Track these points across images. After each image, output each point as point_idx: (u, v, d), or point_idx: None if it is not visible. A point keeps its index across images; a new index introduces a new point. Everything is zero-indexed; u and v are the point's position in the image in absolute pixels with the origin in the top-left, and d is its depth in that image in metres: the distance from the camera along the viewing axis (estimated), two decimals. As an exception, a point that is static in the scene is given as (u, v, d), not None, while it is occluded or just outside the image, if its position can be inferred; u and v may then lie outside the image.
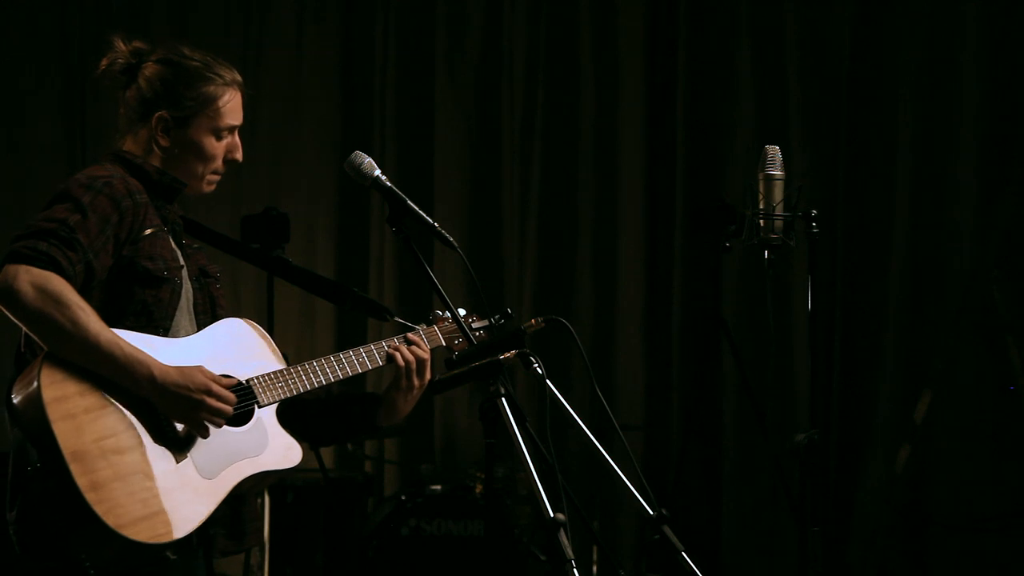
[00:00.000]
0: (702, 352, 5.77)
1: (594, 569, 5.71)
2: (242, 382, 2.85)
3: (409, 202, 2.89)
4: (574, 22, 6.62)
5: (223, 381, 2.76)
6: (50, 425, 2.56)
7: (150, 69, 2.92)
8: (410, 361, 3.06)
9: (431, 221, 2.89)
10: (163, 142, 2.90)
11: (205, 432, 2.74)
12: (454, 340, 3.18)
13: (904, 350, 6.13)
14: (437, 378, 2.82)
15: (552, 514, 2.57)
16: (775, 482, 5.59)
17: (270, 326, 5.23)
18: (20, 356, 2.74)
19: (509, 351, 2.73)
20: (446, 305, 2.88)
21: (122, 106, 2.95)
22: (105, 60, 2.95)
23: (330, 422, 3.12)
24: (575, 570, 2.55)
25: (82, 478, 2.55)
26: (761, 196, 4.38)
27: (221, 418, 2.74)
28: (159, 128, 2.90)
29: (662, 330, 6.50)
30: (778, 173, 4.39)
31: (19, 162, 6.55)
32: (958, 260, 6.09)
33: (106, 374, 2.64)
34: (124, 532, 2.56)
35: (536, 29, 6.65)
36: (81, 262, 2.67)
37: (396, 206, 2.89)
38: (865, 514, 6.11)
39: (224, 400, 2.73)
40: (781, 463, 5.10)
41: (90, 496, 2.54)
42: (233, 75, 2.97)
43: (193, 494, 2.69)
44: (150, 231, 2.80)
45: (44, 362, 2.60)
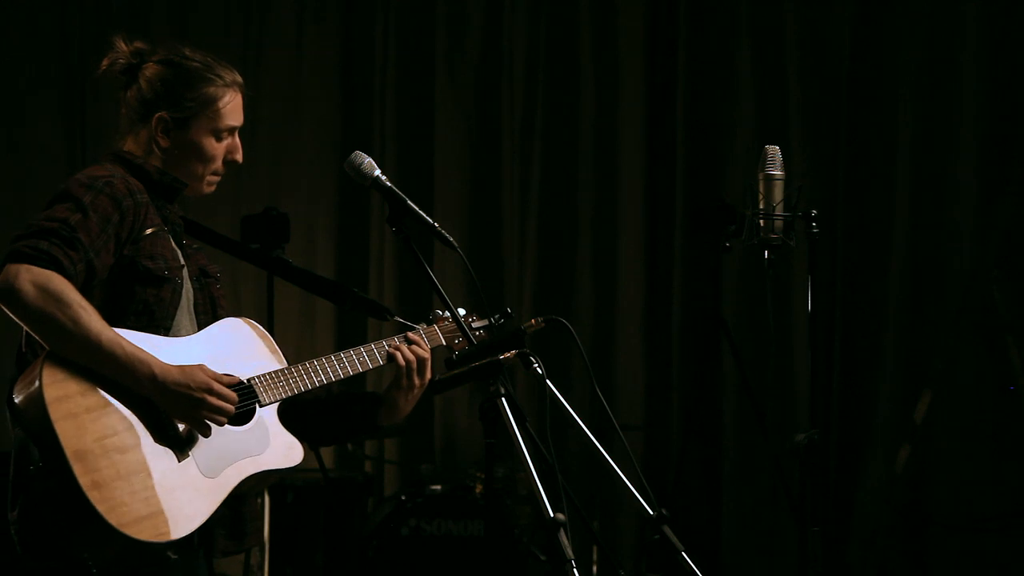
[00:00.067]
0: (702, 352, 5.77)
1: (594, 569, 5.71)
2: (243, 381, 2.85)
3: (409, 202, 2.89)
4: (574, 22, 6.62)
5: (225, 380, 2.76)
6: (52, 424, 2.56)
7: (151, 70, 2.92)
8: (410, 360, 3.06)
9: (431, 221, 2.89)
10: (163, 143, 2.90)
11: (207, 431, 2.74)
12: (454, 340, 3.18)
13: (904, 350, 6.13)
14: (437, 378, 2.82)
15: (552, 514, 2.57)
16: (775, 482, 5.59)
17: (270, 326, 5.23)
18: (21, 356, 2.73)
19: (509, 351, 2.73)
20: (446, 305, 2.88)
21: (123, 106, 2.95)
22: (106, 60, 2.95)
23: (331, 421, 3.12)
24: (575, 570, 2.54)
25: (84, 477, 2.55)
26: (761, 196, 4.38)
27: (223, 417, 2.74)
28: (159, 129, 2.90)
29: (662, 330, 6.50)
30: (778, 173, 4.39)
31: (19, 162, 6.54)
32: (958, 260, 6.09)
33: (108, 373, 2.64)
34: (126, 531, 2.56)
35: (536, 29, 6.65)
36: (82, 261, 2.67)
37: (396, 206, 2.89)
38: (865, 514, 6.11)
39: (226, 399, 2.73)
40: (781, 463, 5.09)
41: (92, 495, 2.54)
42: (233, 76, 2.97)
43: (195, 493, 2.69)
44: (151, 231, 2.80)
45: (45, 361, 2.61)
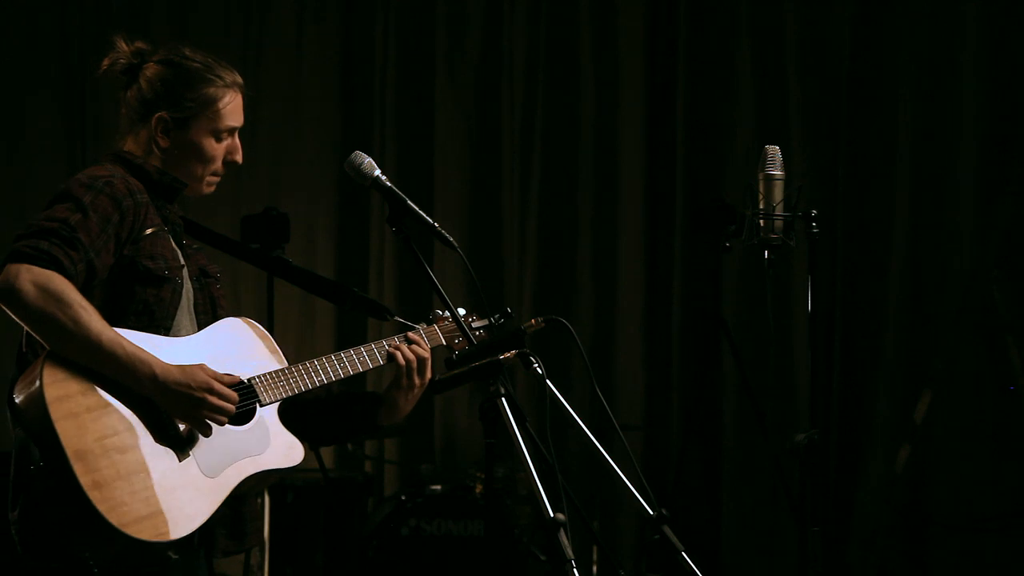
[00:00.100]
0: (702, 352, 5.77)
1: (594, 569, 5.71)
2: (244, 381, 2.85)
3: (409, 202, 2.89)
4: (574, 22, 6.62)
5: (225, 379, 2.76)
6: (52, 424, 2.56)
7: (151, 70, 2.92)
8: (411, 360, 3.06)
9: (431, 221, 2.89)
10: (163, 143, 2.90)
11: (207, 430, 2.74)
12: (454, 339, 3.18)
13: (904, 350, 6.13)
14: (437, 378, 2.82)
15: (552, 514, 2.57)
16: (775, 482, 5.59)
17: (270, 326, 5.22)
18: (22, 356, 2.73)
19: (509, 351, 2.72)
20: (446, 305, 2.88)
21: (123, 106, 2.95)
22: (107, 60, 2.95)
23: (331, 421, 3.12)
24: (575, 570, 2.54)
25: (85, 477, 2.55)
26: (761, 196, 4.37)
27: (223, 416, 2.74)
28: (159, 129, 2.89)
29: (662, 330, 6.50)
30: (778, 173, 4.39)
31: (19, 162, 6.54)
32: (958, 260, 6.09)
33: (108, 373, 2.64)
34: (127, 530, 2.56)
35: (536, 29, 6.65)
36: (82, 261, 2.67)
37: (396, 206, 2.89)
38: (865, 514, 6.11)
39: (226, 398, 2.73)
40: (781, 463, 5.09)
41: (93, 495, 2.54)
42: (234, 77, 2.97)
43: (195, 493, 2.69)
44: (151, 231, 2.80)
45: (46, 361, 2.60)
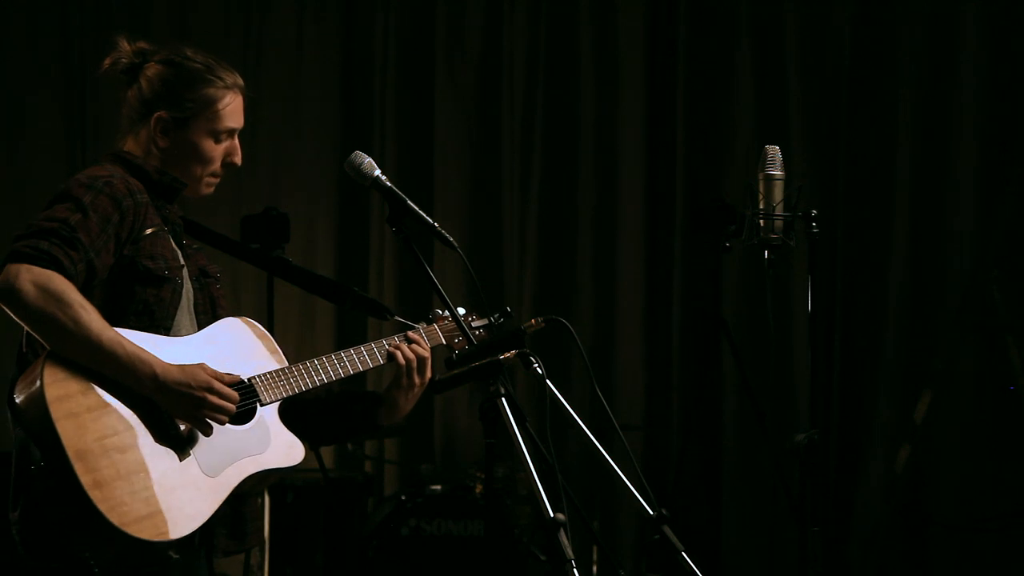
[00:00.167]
0: (702, 352, 5.77)
1: (594, 569, 5.71)
2: (244, 380, 2.85)
3: (409, 202, 2.89)
4: (574, 22, 6.62)
5: (226, 379, 2.76)
6: (53, 424, 2.56)
7: (152, 69, 2.92)
8: (411, 359, 3.06)
9: (431, 221, 2.89)
10: (161, 143, 2.90)
11: (208, 430, 2.74)
12: (454, 339, 3.18)
13: (904, 350, 6.13)
14: (437, 378, 2.81)
15: (552, 514, 2.57)
16: (775, 482, 5.59)
17: (270, 326, 5.22)
18: (22, 356, 2.73)
19: (509, 351, 2.72)
20: (446, 305, 2.88)
21: (124, 106, 2.95)
22: (108, 59, 2.95)
23: (331, 421, 3.12)
24: (575, 570, 2.54)
25: (85, 476, 2.55)
26: (761, 196, 4.37)
27: (224, 416, 2.74)
28: (158, 128, 2.89)
29: (662, 330, 6.50)
30: (778, 173, 4.39)
31: (19, 162, 6.53)
32: (958, 260, 6.09)
33: (108, 373, 2.64)
34: (128, 530, 2.56)
35: (536, 29, 6.65)
36: (82, 261, 2.67)
37: (396, 206, 2.89)
38: (865, 514, 6.11)
39: (227, 398, 2.73)
40: (781, 463, 5.09)
41: (94, 494, 2.54)
42: (235, 78, 2.96)
43: (196, 492, 2.69)
44: (151, 231, 2.80)
45: (46, 361, 2.60)
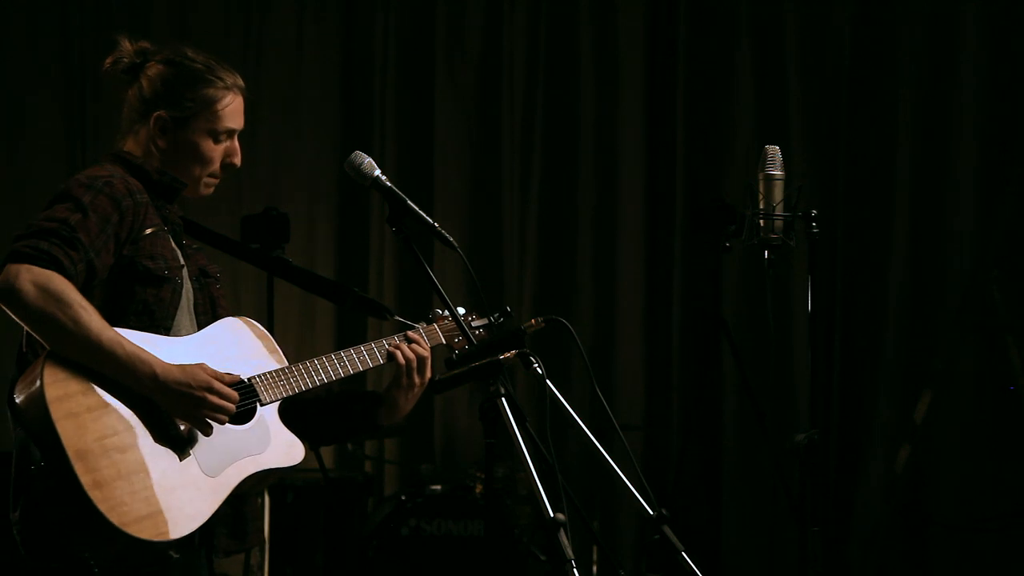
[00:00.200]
0: (702, 352, 5.77)
1: (594, 569, 5.71)
2: (244, 380, 2.85)
3: (409, 202, 2.89)
4: (574, 22, 6.62)
5: (226, 378, 2.75)
6: (53, 424, 2.56)
7: (153, 69, 2.92)
8: (410, 359, 3.06)
9: (431, 221, 2.89)
10: (160, 142, 2.90)
11: (208, 430, 2.74)
12: (454, 339, 3.18)
13: (904, 350, 6.13)
14: (437, 378, 2.81)
15: (552, 514, 2.57)
16: (775, 482, 5.59)
17: (270, 326, 5.22)
18: (22, 356, 2.73)
19: (509, 351, 2.72)
20: (445, 304, 2.88)
21: (124, 105, 2.95)
22: (110, 59, 2.95)
23: (331, 421, 3.12)
24: (575, 570, 2.54)
25: (85, 476, 2.55)
26: (761, 196, 4.37)
27: (224, 415, 2.74)
28: (157, 128, 2.89)
29: (662, 330, 6.50)
30: (778, 173, 4.39)
31: (19, 162, 6.53)
32: (958, 260, 6.09)
33: (108, 373, 2.64)
34: (128, 530, 2.56)
35: (536, 29, 6.65)
36: (82, 261, 2.67)
37: (396, 206, 2.89)
38: (865, 514, 6.11)
39: (226, 398, 2.73)
40: (781, 463, 5.09)
41: (94, 494, 2.54)
42: (235, 79, 2.96)
43: (196, 492, 2.69)
44: (150, 231, 2.80)
45: (46, 361, 2.60)
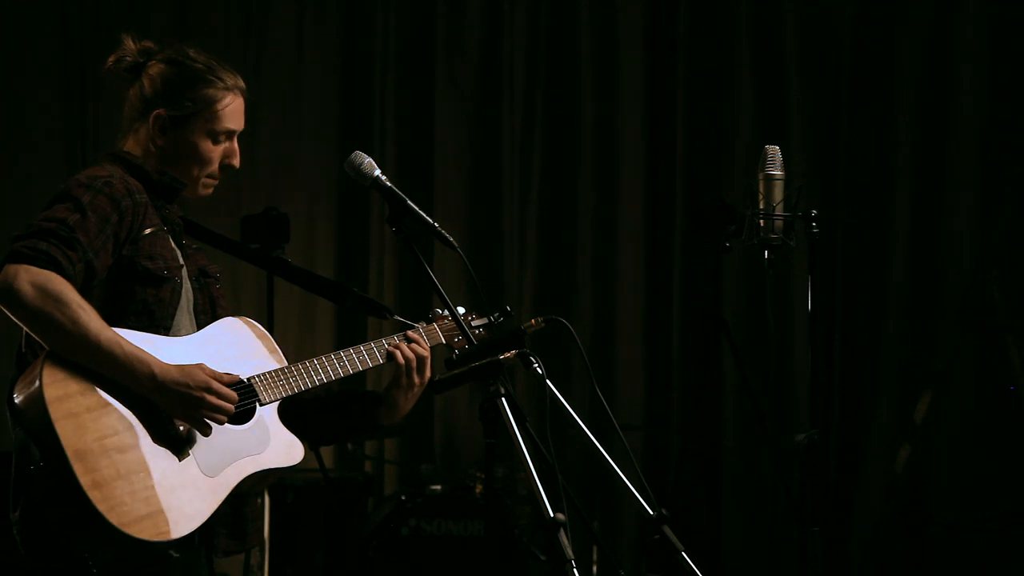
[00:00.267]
0: (702, 352, 5.77)
1: (594, 569, 5.70)
2: (243, 380, 2.85)
3: (409, 202, 2.89)
4: (574, 22, 6.62)
5: (225, 378, 2.75)
6: (52, 424, 2.56)
7: (154, 68, 2.92)
8: (410, 359, 3.06)
9: (431, 221, 2.89)
10: (160, 141, 2.90)
11: (207, 430, 2.74)
12: (454, 338, 3.18)
13: (904, 350, 6.13)
14: (437, 378, 2.81)
15: (552, 514, 2.57)
16: (775, 482, 5.59)
17: (270, 326, 5.22)
18: (21, 356, 2.73)
19: (509, 351, 2.72)
20: (445, 304, 2.88)
21: (125, 104, 2.95)
22: (112, 57, 2.96)
23: (331, 420, 3.12)
24: (575, 570, 2.54)
25: (85, 476, 2.55)
26: (761, 196, 4.37)
27: (223, 416, 2.74)
28: (156, 127, 2.89)
29: (662, 330, 6.49)
30: (778, 173, 4.38)
31: (19, 162, 6.53)
32: (958, 260, 6.09)
33: (107, 373, 2.64)
34: (127, 530, 2.56)
35: (536, 29, 6.65)
36: (81, 261, 2.67)
37: (396, 206, 2.89)
38: (865, 514, 6.11)
39: (225, 398, 2.73)
40: (781, 463, 5.09)
41: (93, 494, 2.54)
42: (236, 80, 2.96)
43: (195, 492, 2.69)
44: (150, 231, 2.80)
45: (46, 361, 2.60)
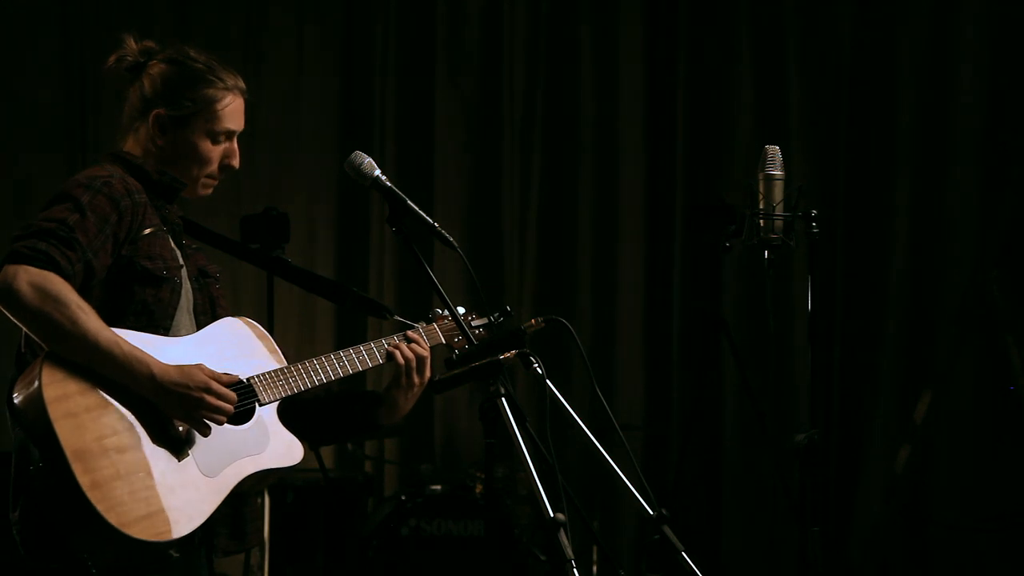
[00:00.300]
0: (702, 352, 5.77)
1: (594, 569, 5.70)
2: (243, 380, 2.85)
3: (409, 202, 2.89)
4: (574, 22, 6.63)
5: (223, 379, 2.75)
6: (51, 424, 2.56)
7: (155, 68, 2.93)
8: (410, 359, 3.06)
9: (431, 221, 2.88)
10: (159, 141, 2.90)
11: (206, 430, 2.74)
12: (454, 338, 3.18)
13: (904, 350, 6.13)
14: (437, 378, 2.81)
15: (552, 514, 2.57)
16: (775, 482, 5.59)
17: (270, 326, 5.21)
18: (20, 356, 2.73)
19: (509, 351, 2.72)
20: (445, 304, 2.88)
21: (126, 104, 2.95)
22: (113, 56, 2.96)
23: (330, 421, 3.12)
24: (575, 570, 2.54)
25: (84, 477, 2.54)
26: (761, 196, 4.37)
27: (221, 416, 2.73)
28: (156, 126, 2.89)
29: (662, 330, 6.49)
30: (778, 173, 4.38)
31: (19, 162, 6.54)
32: (958, 260, 6.09)
33: (106, 373, 2.64)
34: (126, 530, 2.56)
35: (536, 29, 6.65)
36: (80, 261, 2.67)
37: (396, 206, 2.89)
38: (865, 514, 6.11)
39: (224, 398, 2.73)
40: (781, 463, 5.09)
41: (92, 495, 2.54)
42: (236, 81, 2.96)
43: (195, 492, 2.69)
44: (149, 231, 2.80)
45: (45, 361, 2.60)
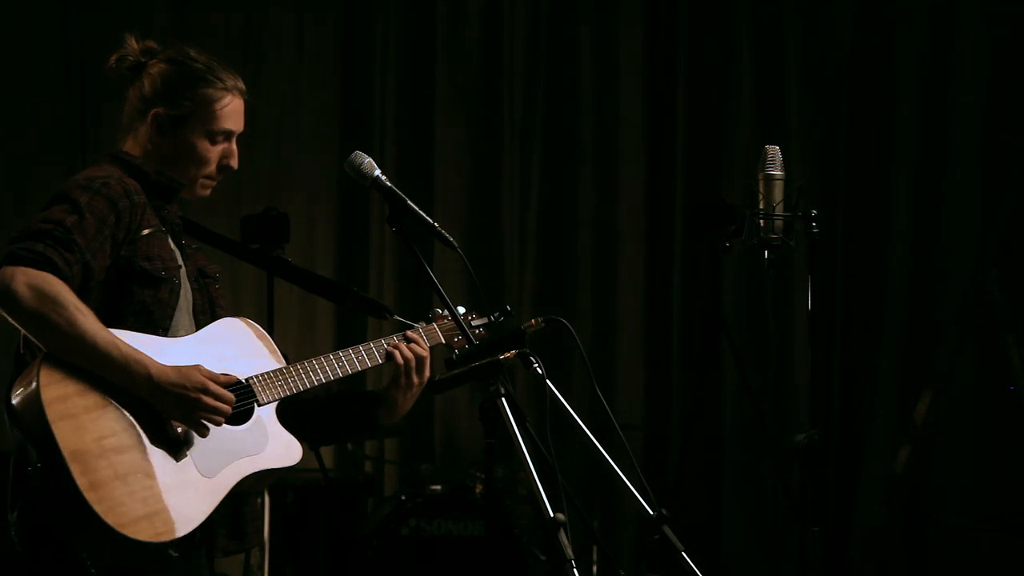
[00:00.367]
0: (702, 352, 5.77)
1: (594, 569, 5.70)
2: (241, 380, 2.84)
3: (409, 202, 2.89)
4: (574, 22, 6.63)
5: (221, 379, 2.75)
6: (50, 425, 2.55)
7: (155, 68, 2.93)
8: (409, 359, 3.06)
9: (431, 221, 2.89)
10: (157, 140, 2.89)
11: (204, 431, 2.73)
12: (454, 338, 3.18)
13: (904, 350, 6.13)
14: (437, 378, 2.81)
15: (552, 514, 2.57)
16: (775, 482, 5.59)
17: (270, 326, 5.21)
18: (19, 357, 2.73)
19: (509, 351, 2.72)
20: (445, 304, 2.88)
21: (126, 104, 2.95)
22: (114, 56, 2.96)
23: (330, 421, 3.12)
24: (575, 570, 2.54)
25: (82, 477, 2.54)
26: (761, 196, 4.37)
27: (219, 417, 2.73)
28: (155, 126, 2.89)
29: (662, 330, 6.50)
30: (778, 173, 4.39)
31: (19, 164, 6.54)
32: (958, 260, 6.09)
33: (104, 374, 2.64)
34: (125, 531, 2.56)
35: (536, 29, 6.65)
36: (78, 263, 2.67)
37: (396, 206, 2.89)
38: (865, 514, 6.11)
39: (222, 399, 2.72)
40: (781, 463, 5.09)
41: (90, 495, 2.54)
42: (236, 82, 2.96)
43: (193, 493, 2.69)
44: (148, 231, 2.80)
45: (43, 362, 2.60)
